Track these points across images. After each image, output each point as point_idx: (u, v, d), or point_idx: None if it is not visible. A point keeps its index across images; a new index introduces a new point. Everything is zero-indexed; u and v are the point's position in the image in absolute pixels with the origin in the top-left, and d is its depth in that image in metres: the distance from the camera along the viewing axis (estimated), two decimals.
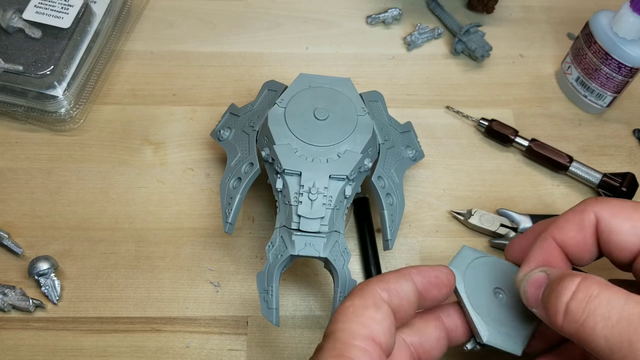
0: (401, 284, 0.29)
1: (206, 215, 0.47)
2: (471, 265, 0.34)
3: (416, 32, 0.57)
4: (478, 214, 0.47)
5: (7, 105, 0.50)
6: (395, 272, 0.30)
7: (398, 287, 0.29)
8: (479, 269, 0.34)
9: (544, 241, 0.31)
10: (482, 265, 0.34)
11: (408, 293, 0.29)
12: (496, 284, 0.34)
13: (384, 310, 0.27)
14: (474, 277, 0.34)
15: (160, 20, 0.58)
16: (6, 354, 0.41)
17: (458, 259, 0.35)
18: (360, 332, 0.26)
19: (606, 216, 0.29)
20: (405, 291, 0.29)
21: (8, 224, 0.46)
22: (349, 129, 0.41)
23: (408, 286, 0.29)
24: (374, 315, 0.27)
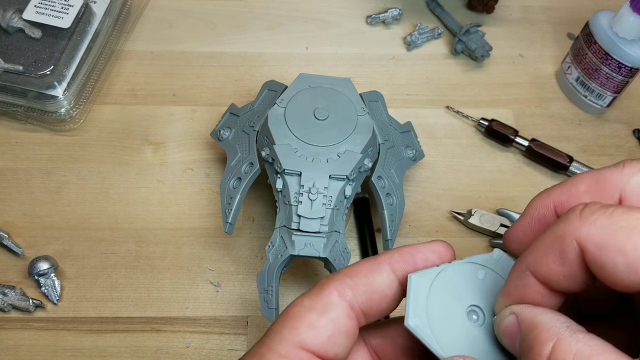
0: (372, 278, 0.25)
1: (206, 215, 0.47)
2: (441, 276, 0.25)
3: (416, 32, 0.57)
4: (478, 214, 0.47)
5: (7, 105, 0.50)
6: (369, 262, 0.26)
7: (367, 282, 0.25)
8: (450, 280, 0.25)
9: (521, 275, 0.24)
10: (456, 274, 0.26)
11: (381, 287, 0.25)
12: (473, 301, 0.25)
13: (333, 315, 0.24)
14: (441, 292, 0.25)
15: (160, 20, 0.58)
16: (6, 354, 0.41)
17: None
18: (289, 338, 0.23)
19: (592, 249, 0.21)
20: (376, 285, 0.25)
21: (8, 224, 0.46)
22: (349, 129, 0.41)
23: (382, 279, 0.25)
24: (315, 321, 0.24)
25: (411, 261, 0.25)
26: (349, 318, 0.24)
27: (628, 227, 0.21)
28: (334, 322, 0.24)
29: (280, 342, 0.23)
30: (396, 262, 0.25)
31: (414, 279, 0.25)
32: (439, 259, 0.26)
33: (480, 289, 0.25)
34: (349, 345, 0.25)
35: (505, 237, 0.27)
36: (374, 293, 0.25)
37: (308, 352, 0.23)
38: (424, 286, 0.25)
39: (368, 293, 0.25)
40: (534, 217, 0.28)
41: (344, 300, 0.24)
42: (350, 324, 0.24)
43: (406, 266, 0.25)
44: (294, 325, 0.24)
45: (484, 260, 0.26)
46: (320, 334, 0.23)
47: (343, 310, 0.24)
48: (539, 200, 0.28)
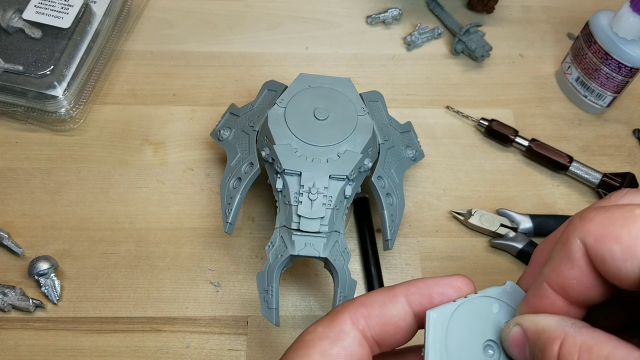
0: (387, 309, 0.25)
1: (206, 215, 0.47)
2: (458, 312, 0.25)
3: (416, 32, 0.57)
4: (478, 214, 0.47)
5: (7, 105, 0.50)
6: (384, 292, 0.26)
7: (381, 313, 0.25)
8: (467, 315, 0.25)
9: (538, 287, 0.25)
10: (472, 309, 0.25)
11: (395, 318, 0.25)
12: (489, 336, 0.25)
13: (345, 343, 0.24)
14: (459, 328, 0.25)
15: (160, 20, 0.58)
16: (6, 354, 0.41)
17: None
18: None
19: (592, 243, 0.22)
20: (390, 317, 0.25)
21: (8, 224, 0.46)
22: (349, 129, 0.41)
23: (396, 310, 0.25)
24: (327, 349, 0.24)
25: (427, 294, 0.25)
26: (361, 347, 0.25)
27: (623, 217, 0.22)
28: (346, 351, 0.24)
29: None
30: (412, 295, 0.25)
31: (433, 316, 0.24)
32: (456, 293, 0.25)
33: (495, 323, 0.25)
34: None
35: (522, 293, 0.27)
36: (388, 325, 0.25)
37: None
38: (442, 323, 0.24)
39: (382, 324, 0.25)
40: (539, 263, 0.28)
41: (356, 329, 0.25)
42: (362, 353, 0.25)
43: (422, 299, 0.25)
44: (306, 353, 0.24)
45: (498, 293, 0.26)
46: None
47: (355, 339, 0.24)
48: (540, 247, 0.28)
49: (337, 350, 0.24)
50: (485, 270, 0.46)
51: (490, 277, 0.46)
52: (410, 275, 0.46)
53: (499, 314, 0.26)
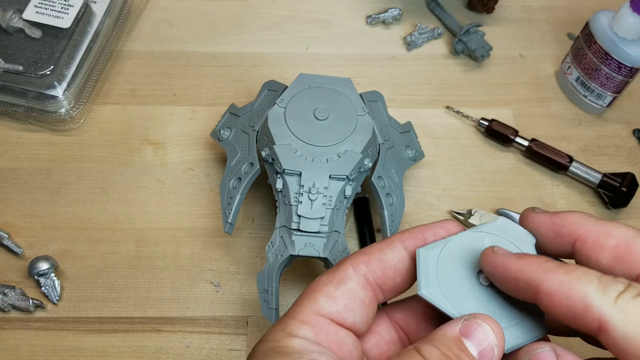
0: (385, 254, 0.27)
1: (206, 215, 0.47)
2: (448, 246, 0.27)
3: (416, 32, 0.57)
4: (478, 214, 0.47)
5: (7, 105, 0.50)
6: (383, 241, 0.28)
7: (380, 257, 0.27)
8: (458, 249, 0.27)
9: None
10: (463, 243, 0.27)
11: (393, 262, 0.27)
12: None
13: (348, 286, 0.26)
14: (450, 261, 0.26)
15: (160, 20, 0.58)
16: (6, 354, 0.41)
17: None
18: (308, 307, 0.26)
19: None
20: (389, 260, 0.27)
21: (8, 224, 0.46)
22: (349, 129, 0.41)
23: (393, 254, 0.27)
24: (331, 292, 0.26)
25: (421, 237, 0.27)
26: (363, 289, 0.26)
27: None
28: (350, 292, 0.26)
29: (300, 311, 0.25)
30: (407, 239, 0.27)
31: (422, 252, 0.26)
32: (447, 233, 0.28)
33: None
34: (367, 314, 0.27)
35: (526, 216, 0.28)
36: (387, 268, 0.27)
37: (326, 319, 0.25)
38: (433, 257, 0.26)
39: (382, 268, 0.27)
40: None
41: (358, 273, 0.26)
42: (366, 295, 0.26)
43: (416, 242, 0.27)
44: (312, 296, 0.26)
45: (489, 228, 0.27)
46: (336, 303, 0.26)
47: (358, 282, 0.26)
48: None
49: (340, 292, 0.26)
50: None
51: None
52: None
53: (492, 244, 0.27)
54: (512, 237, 0.27)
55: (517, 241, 0.27)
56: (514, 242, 0.27)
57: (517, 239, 0.27)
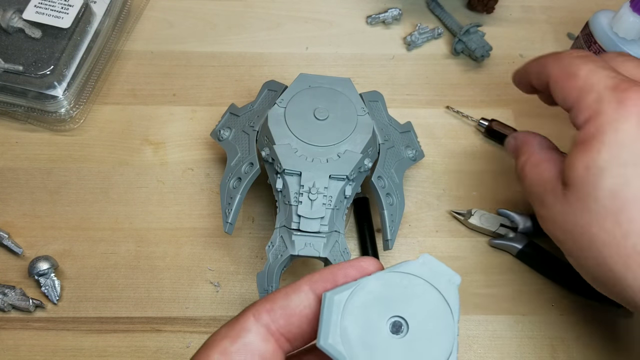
0: (290, 300, 0.24)
1: (206, 215, 0.47)
2: (359, 290, 0.24)
3: (416, 32, 0.57)
4: (478, 214, 0.47)
5: (7, 105, 0.50)
6: (289, 285, 0.25)
7: (285, 304, 0.24)
8: (370, 293, 0.24)
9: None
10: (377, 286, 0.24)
11: (299, 308, 0.24)
12: (397, 312, 0.23)
13: (246, 340, 0.24)
14: (359, 307, 0.23)
15: (160, 20, 0.58)
16: (6, 354, 0.41)
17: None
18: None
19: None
20: (294, 307, 0.24)
21: (8, 224, 0.46)
22: (349, 129, 0.41)
23: (299, 300, 0.24)
24: (228, 348, 0.23)
25: (331, 279, 0.25)
26: (264, 341, 0.24)
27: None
28: (247, 347, 0.24)
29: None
30: (315, 282, 0.25)
31: (328, 296, 0.23)
32: (359, 274, 0.24)
33: (403, 298, 0.24)
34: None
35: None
36: (292, 315, 0.24)
37: None
38: (339, 303, 0.23)
39: (286, 316, 0.24)
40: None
41: (259, 324, 0.24)
42: (267, 348, 0.24)
43: (326, 284, 0.24)
44: (207, 354, 0.23)
45: (409, 267, 0.24)
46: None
47: (257, 335, 0.24)
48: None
49: (236, 347, 0.24)
50: (485, 270, 0.46)
51: (490, 277, 0.46)
52: None
53: (408, 289, 0.24)
54: (435, 276, 0.24)
55: (440, 282, 0.24)
56: (434, 283, 0.24)
57: (440, 279, 0.24)
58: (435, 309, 0.24)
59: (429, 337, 0.23)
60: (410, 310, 0.23)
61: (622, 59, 0.36)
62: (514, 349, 0.43)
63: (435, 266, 0.24)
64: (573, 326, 0.44)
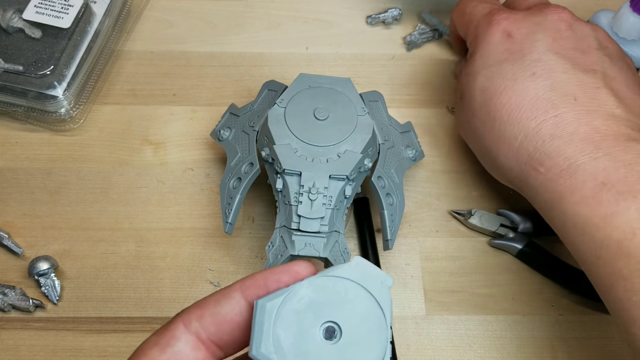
0: (220, 306, 0.24)
1: (206, 215, 0.47)
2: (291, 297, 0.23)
3: (416, 32, 0.57)
4: (478, 214, 0.47)
5: (7, 105, 0.50)
6: (221, 291, 0.24)
7: (215, 311, 0.24)
8: (303, 299, 0.23)
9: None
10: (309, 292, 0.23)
11: (230, 315, 0.24)
12: (330, 317, 0.23)
13: (175, 348, 0.23)
14: (291, 314, 0.23)
15: (160, 20, 0.58)
16: (6, 354, 0.41)
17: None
18: None
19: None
20: (224, 314, 0.24)
21: (8, 224, 0.46)
22: (349, 129, 0.41)
23: (230, 306, 0.24)
24: (157, 357, 0.23)
25: (262, 284, 0.24)
26: (194, 350, 0.23)
27: None
28: (176, 356, 0.23)
29: None
30: (247, 288, 0.24)
31: (259, 304, 0.23)
32: (292, 279, 0.24)
33: (336, 302, 0.23)
34: None
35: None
36: (222, 323, 0.24)
37: None
38: (271, 310, 0.23)
39: (216, 323, 0.24)
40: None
41: (189, 332, 0.23)
42: (197, 356, 0.23)
43: (258, 290, 0.24)
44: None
45: (341, 271, 0.24)
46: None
47: (187, 343, 0.23)
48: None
49: (166, 356, 0.23)
50: (485, 270, 0.46)
51: (490, 277, 0.46)
52: (410, 275, 0.46)
53: (341, 293, 0.24)
54: (368, 279, 0.24)
55: (372, 284, 0.24)
56: (367, 286, 0.24)
57: (373, 282, 0.24)
58: (368, 313, 0.23)
59: (362, 342, 0.23)
60: (343, 314, 0.23)
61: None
62: (514, 349, 0.43)
63: (367, 269, 0.24)
64: (573, 326, 0.44)
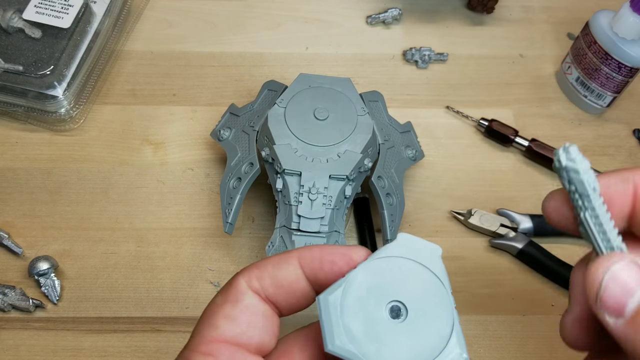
0: (279, 270, 0.24)
1: (206, 215, 0.47)
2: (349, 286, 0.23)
3: (419, 56, 0.56)
4: (478, 214, 0.47)
5: (7, 105, 0.50)
6: (280, 254, 0.25)
7: (273, 274, 0.24)
8: (361, 286, 0.24)
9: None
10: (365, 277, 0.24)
11: (287, 280, 0.24)
12: (392, 297, 0.23)
13: (244, 304, 0.24)
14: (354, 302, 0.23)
15: (160, 20, 0.58)
16: (6, 354, 0.41)
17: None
18: (208, 335, 0.23)
19: None
20: (282, 278, 0.24)
21: (8, 224, 0.46)
22: (349, 129, 0.41)
23: (287, 271, 0.24)
24: (230, 312, 0.24)
25: (318, 260, 0.24)
26: (262, 302, 0.24)
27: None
28: (248, 309, 0.24)
29: (201, 342, 0.23)
30: (304, 259, 0.25)
31: (322, 299, 0.23)
32: (346, 265, 0.24)
33: (394, 281, 0.24)
34: (271, 329, 0.24)
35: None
36: (280, 287, 0.24)
37: (231, 345, 0.23)
38: (334, 303, 0.23)
39: (275, 286, 0.24)
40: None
41: (251, 288, 0.24)
42: (266, 308, 0.24)
43: (313, 264, 0.24)
44: (210, 323, 0.24)
45: (390, 250, 0.24)
46: (238, 323, 0.23)
47: (254, 296, 0.24)
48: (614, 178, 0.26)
49: (239, 310, 0.24)
50: (485, 270, 0.46)
51: (490, 277, 0.46)
52: None
53: (395, 272, 0.24)
54: (417, 252, 0.24)
55: (423, 256, 0.24)
56: (418, 259, 0.24)
57: (423, 254, 0.24)
58: (427, 284, 0.24)
59: (428, 313, 0.23)
60: (403, 291, 0.23)
61: None
62: (514, 349, 0.43)
63: (414, 243, 0.25)
64: None
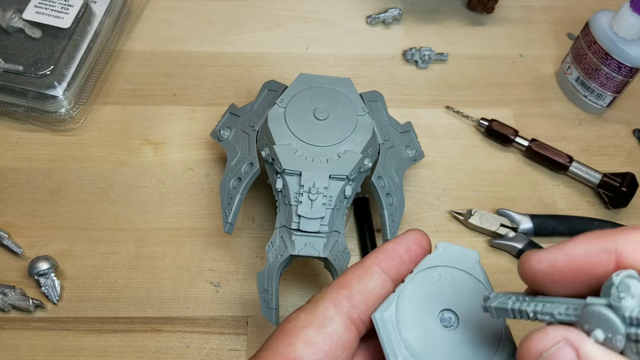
0: (365, 283, 0.25)
1: (206, 215, 0.47)
2: (401, 300, 0.25)
3: (417, 53, 0.56)
4: (478, 214, 0.47)
5: (7, 105, 0.50)
6: (358, 268, 0.25)
7: (362, 289, 0.24)
8: (412, 299, 0.25)
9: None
10: (414, 289, 0.25)
11: (375, 289, 0.25)
12: (441, 306, 0.25)
13: (330, 329, 0.23)
14: (408, 315, 0.24)
15: (160, 20, 0.58)
16: (6, 354, 0.41)
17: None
18: (284, 354, 0.23)
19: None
20: (371, 290, 0.24)
21: (8, 224, 0.46)
22: (349, 129, 0.41)
23: (374, 282, 0.25)
24: (313, 338, 0.23)
25: (396, 255, 0.25)
26: (347, 331, 0.24)
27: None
28: (332, 337, 0.24)
29: (275, 357, 0.23)
30: (383, 261, 0.25)
31: (377, 317, 0.24)
32: (420, 248, 0.26)
33: (441, 291, 0.25)
34: (347, 358, 0.24)
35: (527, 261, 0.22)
36: (370, 299, 0.25)
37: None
38: (390, 319, 0.24)
39: (365, 300, 0.24)
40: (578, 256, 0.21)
41: (341, 312, 0.24)
42: (348, 337, 0.24)
43: (393, 262, 0.25)
44: (289, 341, 0.23)
45: (432, 261, 0.26)
46: (317, 351, 0.23)
47: (340, 324, 0.24)
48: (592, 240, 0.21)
49: (322, 337, 0.23)
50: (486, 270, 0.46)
51: (490, 277, 0.46)
52: None
53: (442, 281, 0.25)
54: (458, 260, 0.26)
55: (464, 263, 0.26)
56: (460, 266, 0.26)
57: (464, 261, 0.26)
58: (472, 289, 0.25)
59: (478, 317, 0.24)
60: (451, 299, 0.25)
61: None
62: None
63: (454, 251, 0.26)
64: None
